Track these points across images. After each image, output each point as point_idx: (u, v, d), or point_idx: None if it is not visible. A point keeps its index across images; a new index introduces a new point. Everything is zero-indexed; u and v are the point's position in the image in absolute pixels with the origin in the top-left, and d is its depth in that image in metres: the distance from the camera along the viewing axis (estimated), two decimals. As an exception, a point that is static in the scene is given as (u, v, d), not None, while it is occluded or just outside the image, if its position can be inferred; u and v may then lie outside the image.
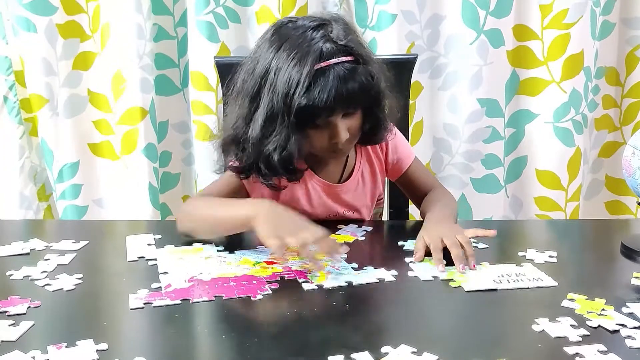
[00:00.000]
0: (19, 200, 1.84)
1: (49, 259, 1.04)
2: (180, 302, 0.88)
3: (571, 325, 0.81)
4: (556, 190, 1.89)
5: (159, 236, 1.14)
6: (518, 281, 0.94)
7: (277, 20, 1.14)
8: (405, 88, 1.50)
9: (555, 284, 0.94)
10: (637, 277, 0.96)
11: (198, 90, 1.80)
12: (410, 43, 1.81)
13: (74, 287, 0.93)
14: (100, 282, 0.99)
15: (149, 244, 1.10)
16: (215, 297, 0.89)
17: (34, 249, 1.10)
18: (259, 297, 0.89)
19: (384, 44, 1.79)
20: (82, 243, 1.12)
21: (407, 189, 1.32)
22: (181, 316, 0.85)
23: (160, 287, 0.92)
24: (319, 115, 1.05)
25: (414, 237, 1.12)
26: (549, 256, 1.04)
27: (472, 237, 1.05)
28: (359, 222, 1.23)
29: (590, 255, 1.12)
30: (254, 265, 1.01)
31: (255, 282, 0.94)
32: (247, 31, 1.82)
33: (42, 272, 0.98)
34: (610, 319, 0.82)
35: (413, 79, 1.50)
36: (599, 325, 0.81)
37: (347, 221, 1.23)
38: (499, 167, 1.91)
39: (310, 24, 1.07)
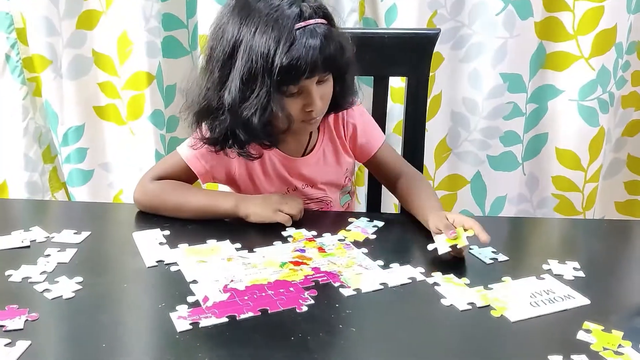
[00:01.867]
0: (24, 162, 1.80)
1: (49, 255, 1.02)
2: (226, 319, 0.84)
3: (586, 366, 0.78)
4: (575, 170, 1.82)
5: (167, 232, 1.10)
6: (553, 301, 0.91)
7: None
8: (425, 65, 1.42)
9: (587, 302, 0.91)
10: (656, 305, 0.92)
11: (207, 55, 1.72)
12: (433, 12, 1.70)
13: (73, 294, 0.91)
14: (102, 289, 0.94)
15: (160, 243, 1.06)
16: (260, 310, 0.86)
17: (35, 240, 1.07)
18: (304, 308, 0.87)
19: (405, 12, 1.68)
20: (84, 234, 1.09)
21: (376, 172, 1.32)
22: (231, 336, 0.81)
23: (198, 300, 0.89)
24: (298, 76, 1.03)
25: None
26: (574, 268, 1.00)
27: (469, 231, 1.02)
28: (369, 215, 1.19)
29: (608, 269, 1.06)
30: (281, 267, 0.99)
31: (292, 289, 0.92)
32: (260, -7, 1.71)
33: (41, 274, 0.96)
34: (627, 359, 0.79)
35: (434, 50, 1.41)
36: (615, 367, 0.78)
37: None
38: (518, 144, 1.84)
39: None
